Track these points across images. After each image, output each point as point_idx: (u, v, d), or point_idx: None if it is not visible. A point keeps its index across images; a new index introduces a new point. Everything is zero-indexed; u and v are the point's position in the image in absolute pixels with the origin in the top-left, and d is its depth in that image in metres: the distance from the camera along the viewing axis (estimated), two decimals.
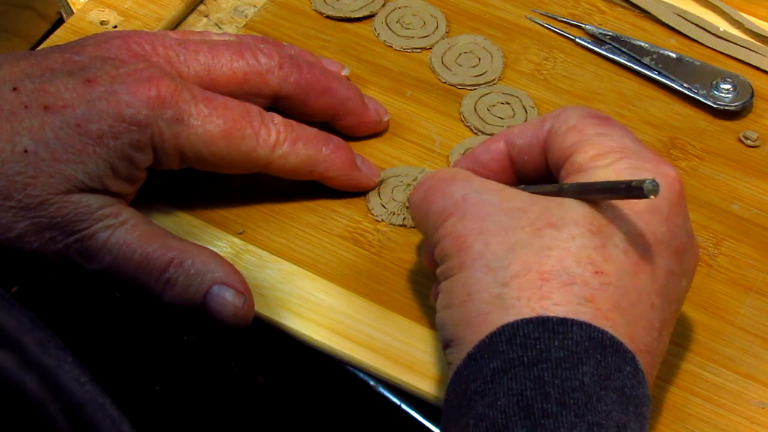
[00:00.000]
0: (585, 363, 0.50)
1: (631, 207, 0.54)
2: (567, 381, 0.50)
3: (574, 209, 0.54)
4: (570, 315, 0.52)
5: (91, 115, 0.59)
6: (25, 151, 0.59)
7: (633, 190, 0.52)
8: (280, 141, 0.64)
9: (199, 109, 0.62)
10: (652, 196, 0.51)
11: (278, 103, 0.67)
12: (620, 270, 0.53)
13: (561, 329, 0.51)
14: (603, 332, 0.51)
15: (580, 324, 0.51)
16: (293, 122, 0.65)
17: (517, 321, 0.52)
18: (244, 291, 0.61)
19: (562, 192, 0.56)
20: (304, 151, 0.64)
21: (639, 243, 0.54)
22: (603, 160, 0.56)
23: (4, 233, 0.59)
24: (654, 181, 0.51)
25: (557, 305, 0.52)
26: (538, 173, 0.60)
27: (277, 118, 0.64)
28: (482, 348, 0.52)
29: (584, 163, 0.56)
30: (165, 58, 0.64)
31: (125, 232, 0.61)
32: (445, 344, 0.56)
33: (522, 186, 0.59)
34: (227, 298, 0.61)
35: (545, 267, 0.53)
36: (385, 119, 0.70)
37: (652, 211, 0.55)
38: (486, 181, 0.58)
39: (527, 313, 0.52)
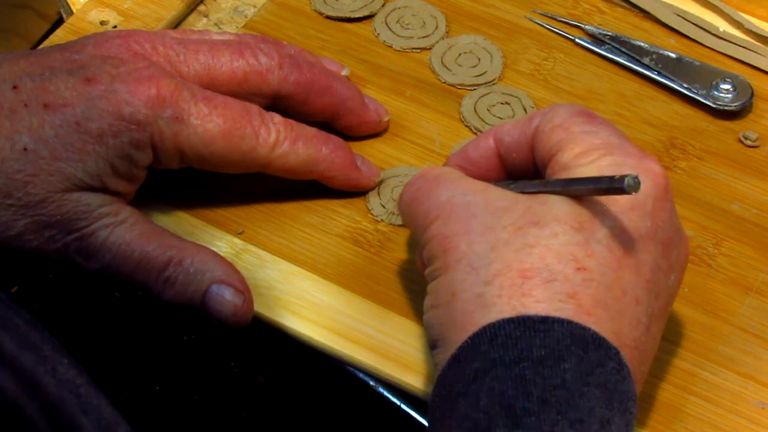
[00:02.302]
0: (566, 360, 0.51)
1: (614, 203, 0.55)
2: (548, 379, 0.50)
3: (557, 206, 0.54)
4: (551, 312, 0.52)
5: (91, 113, 0.60)
6: (25, 149, 0.59)
7: (614, 185, 0.52)
8: (279, 140, 0.64)
9: (198, 108, 0.62)
10: (633, 192, 0.51)
11: (278, 103, 0.67)
12: (603, 266, 0.53)
13: (542, 327, 0.51)
14: (585, 329, 0.52)
15: (562, 321, 0.51)
16: (293, 122, 0.65)
17: (498, 321, 0.52)
18: (244, 290, 0.61)
19: (546, 188, 0.56)
20: (303, 151, 0.64)
21: (622, 238, 0.54)
22: (587, 157, 0.56)
23: (4, 231, 0.59)
24: (635, 177, 0.51)
25: (538, 302, 0.52)
26: (527, 170, 0.60)
27: (277, 118, 0.64)
28: (465, 349, 0.52)
29: (568, 161, 0.56)
30: (165, 58, 0.64)
31: (124, 230, 0.61)
32: (432, 344, 0.56)
33: (508, 182, 0.59)
34: (226, 297, 0.61)
35: (526, 265, 0.53)
36: (385, 119, 0.70)
37: (635, 207, 0.55)
38: (472, 181, 0.58)
39: (508, 311, 0.52)
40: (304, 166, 0.65)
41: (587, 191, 0.54)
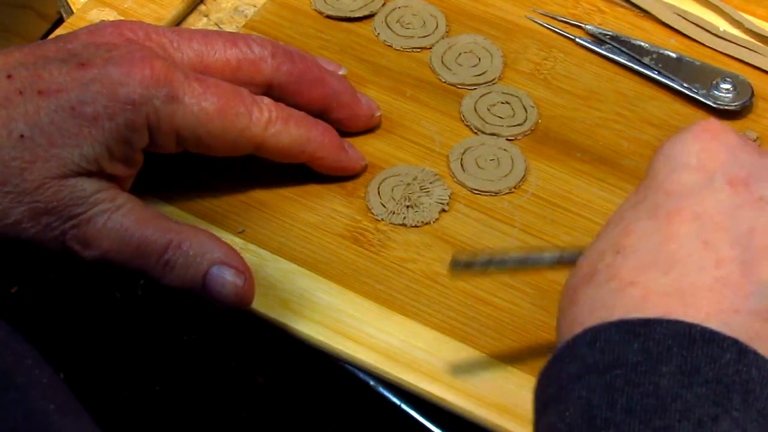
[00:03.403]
0: (666, 363, 0.47)
1: None
2: (639, 386, 0.47)
3: None
4: (717, 325, 0.48)
5: (86, 97, 0.60)
6: (21, 136, 0.59)
7: None
8: (272, 119, 0.64)
9: (192, 88, 0.61)
10: None
11: (271, 93, 0.66)
12: None
13: (642, 331, 0.48)
14: (692, 326, 0.48)
15: (664, 322, 0.48)
16: (282, 104, 0.65)
17: (602, 324, 0.49)
18: (244, 270, 0.61)
19: None
20: (295, 130, 0.64)
21: None
22: None
23: (2, 219, 0.59)
24: None
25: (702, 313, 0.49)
26: None
27: (267, 99, 0.64)
28: (566, 349, 0.50)
29: None
30: (158, 45, 0.64)
31: (122, 215, 0.61)
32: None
33: None
34: (227, 277, 0.60)
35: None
36: (377, 114, 0.70)
37: None
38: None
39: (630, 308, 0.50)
40: (296, 146, 0.65)
41: None
